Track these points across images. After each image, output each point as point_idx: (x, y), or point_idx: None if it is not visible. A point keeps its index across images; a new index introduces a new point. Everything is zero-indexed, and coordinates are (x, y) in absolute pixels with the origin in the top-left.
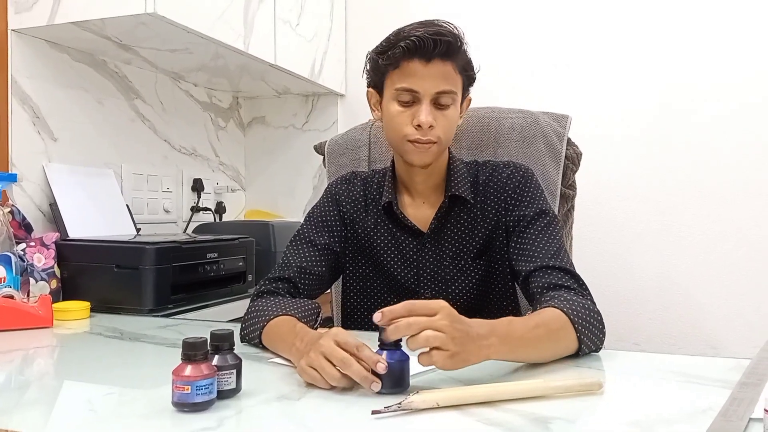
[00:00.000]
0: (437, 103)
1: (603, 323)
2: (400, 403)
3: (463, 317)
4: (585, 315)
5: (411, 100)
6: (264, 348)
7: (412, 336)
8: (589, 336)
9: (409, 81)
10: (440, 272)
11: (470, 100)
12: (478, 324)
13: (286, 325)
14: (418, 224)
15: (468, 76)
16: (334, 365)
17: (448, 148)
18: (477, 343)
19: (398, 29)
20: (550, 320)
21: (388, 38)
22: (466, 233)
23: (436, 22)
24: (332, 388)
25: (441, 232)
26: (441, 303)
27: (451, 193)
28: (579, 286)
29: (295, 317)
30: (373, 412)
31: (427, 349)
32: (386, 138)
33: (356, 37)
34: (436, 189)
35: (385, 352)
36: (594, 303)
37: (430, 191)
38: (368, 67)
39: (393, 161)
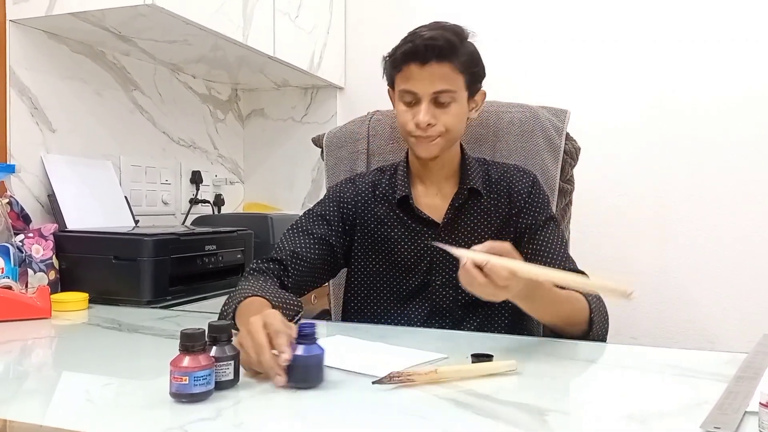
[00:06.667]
0: (437, 102)
1: (608, 315)
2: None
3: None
4: (597, 301)
5: (412, 100)
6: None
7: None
8: (600, 317)
9: (408, 84)
10: (453, 260)
11: (484, 93)
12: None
13: (255, 305)
14: (431, 215)
15: (472, 74)
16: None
17: (461, 143)
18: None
19: (409, 32)
20: (569, 294)
21: (398, 43)
22: (479, 224)
23: (439, 24)
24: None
25: (455, 223)
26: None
27: (470, 186)
28: None
29: (271, 303)
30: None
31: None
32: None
33: (355, 29)
34: (449, 180)
35: (300, 346)
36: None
37: (443, 182)
38: (385, 69)
39: (407, 153)
